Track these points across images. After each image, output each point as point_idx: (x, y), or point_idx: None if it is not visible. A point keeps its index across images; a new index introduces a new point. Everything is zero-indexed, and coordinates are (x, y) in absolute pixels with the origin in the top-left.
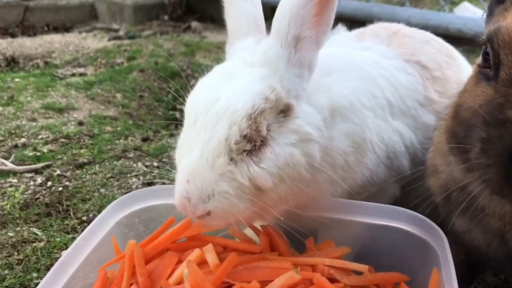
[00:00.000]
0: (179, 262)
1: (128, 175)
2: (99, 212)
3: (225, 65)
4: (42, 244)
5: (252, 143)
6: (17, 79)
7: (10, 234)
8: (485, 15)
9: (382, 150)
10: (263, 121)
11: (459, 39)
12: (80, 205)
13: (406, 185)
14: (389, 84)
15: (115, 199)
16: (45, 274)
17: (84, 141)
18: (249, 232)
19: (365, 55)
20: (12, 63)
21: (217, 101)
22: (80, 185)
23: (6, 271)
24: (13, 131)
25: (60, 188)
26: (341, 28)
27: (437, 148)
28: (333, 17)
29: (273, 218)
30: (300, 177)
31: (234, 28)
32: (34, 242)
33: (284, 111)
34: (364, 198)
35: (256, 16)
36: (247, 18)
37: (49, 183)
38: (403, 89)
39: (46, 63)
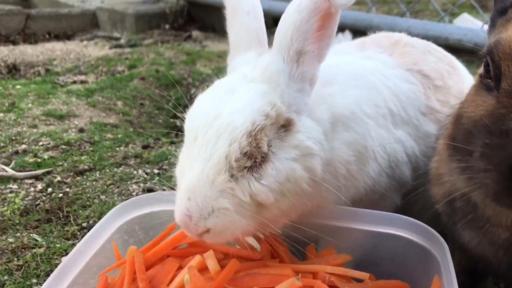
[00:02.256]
0: (180, 268)
1: (129, 182)
2: (99, 218)
3: (225, 80)
4: (42, 250)
5: (252, 159)
6: (18, 86)
7: (10, 240)
8: (485, 26)
9: (384, 159)
10: (264, 138)
11: (459, 50)
12: (80, 211)
13: (407, 194)
14: (391, 93)
15: (115, 205)
16: (44, 280)
17: (84, 148)
18: (250, 239)
19: (368, 64)
20: (13, 70)
21: (218, 117)
22: (80, 192)
23: (6, 277)
24: (13, 138)
25: (61, 195)
26: (342, 37)
27: (441, 157)
28: (335, 30)
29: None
30: (301, 191)
31: (235, 41)
32: (34, 248)
33: (285, 126)
34: (365, 207)
35: (258, 30)
36: (249, 32)
37: (50, 190)
38: (405, 98)
39: (47, 70)
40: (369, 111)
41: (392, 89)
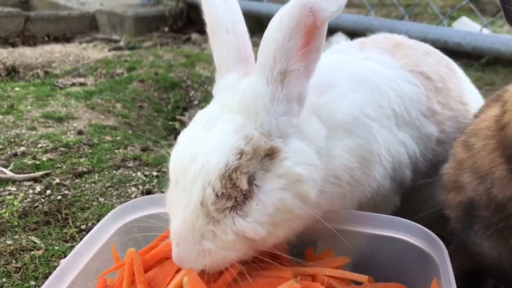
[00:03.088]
0: (179, 270)
1: (127, 184)
2: (98, 221)
3: (207, 110)
4: (40, 252)
5: (232, 199)
6: (17, 88)
7: (9, 242)
8: (483, 30)
9: (389, 162)
10: (240, 176)
11: (457, 53)
12: (79, 213)
13: (406, 195)
14: (395, 94)
15: (114, 208)
16: (43, 283)
17: (83, 150)
18: None
19: (369, 64)
20: (12, 72)
21: (194, 160)
22: (79, 194)
23: (4, 279)
24: (12, 140)
25: (59, 197)
26: (340, 37)
27: (461, 165)
28: (323, 42)
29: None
30: (296, 218)
31: (218, 62)
32: (32, 250)
33: (269, 155)
34: (365, 208)
35: (239, 48)
36: (229, 51)
37: (48, 192)
38: (408, 99)
39: (46, 72)
40: (373, 114)
41: (395, 90)
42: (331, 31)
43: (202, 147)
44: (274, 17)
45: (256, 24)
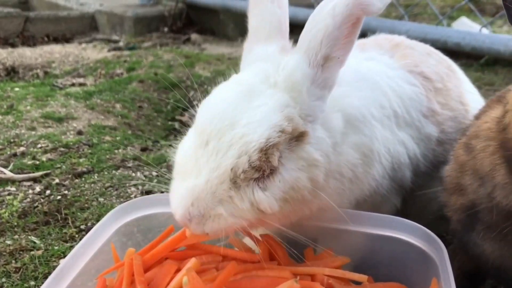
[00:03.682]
0: (178, 270)
1: (127, 185)
2: (98, 221)
3: (244, 77)
4: (40, 252)
5: (260, 172)
6: (16, 89)
7: (8, 242)
8: (483, 30)
9: (388, 161)
10: (275, 153)
11: (457, 53)
12: (79, 214)
13: (406, 196)
14: (396, 94)
15: (114, 208)
16: (42, 283)
17: (83, 150)
18: (248, 241)
19: (370, 65)
20: (12, 72)
21: (233, 127)
22: (78, 194)
23: (4, 279)
24: (12, 140)
25: (59, 197)
26: None
27: (462, 168)
28: (356, 38)
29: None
30: (302, 199)
31: (255, 29)
32: (32, 250)
33: (297, 137)
34: (365, 209)
35: (281, 20)
36: (271, 21)
37: (48, 192)
38: (408, 100)
39: (46, 73)
40: (375, 113)
41: (396, 91)
42: None
43: (244, 117)
44: (323, 3)
45: None
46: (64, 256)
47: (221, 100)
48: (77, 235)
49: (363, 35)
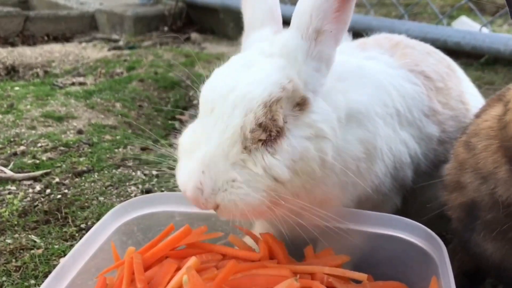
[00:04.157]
0: (178, 269)
1: (127, 184)
2: (98, 220)
3: (242, 55)
4: (40, 251)
5: (267, 132)
6: (16, 88)
7: (8, 241)
8: (483, 29)
9: (390, 160)
10: (279, 110)
11: (457, 53)
12: (79, 213)
13: (407, 195)
14: (398, 93)
15: (114, 207)
16: (43, 281)
17: (83, 149)
18: (248, 240)
19: (372, 64)
20: (12, 72)
21: (234, 89)
22: (79, 193)
23: (4, 278)
24: (12, 139)
25: (59, 196)
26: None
27: (462, 166)
28: (350, 17)
29: (284, 215)
30: (313, 172)
31: (250, 19)
32: (32, 249)
33: (300, 105)
34: (366, 208)
35: (272, 7)
36: (263, 9)
37: (48, 191)
38: (410, 99)
39: (46, 72)
40: (379, 110)
41: (398, 90)
42: None
43: (244, 79)
44: None
45: None
46: (64, 255)
47: (221, 74)
48: (77, 234)
49: (364, 34)
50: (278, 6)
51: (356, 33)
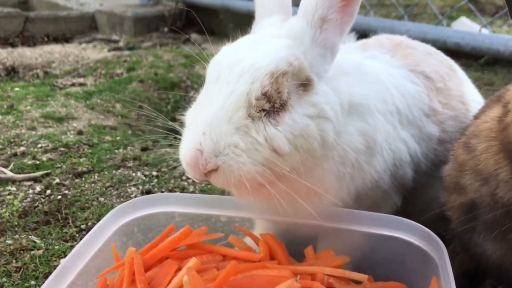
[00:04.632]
0: (178, 270)
1: (127, 184)
2: (98, 220)
3: (250, 36)
4: (40, 252)
5: (271, 103)
6: (17, 89)
7: (9, 241)
8: (483, 30)
9: (390, 156)
10: (285, 83)
11: (457, 53)
12: (79, 213)
13: (407, 195)
14: (399, 92)
15: (114, 207)
16: (43, 282)
17: (83, 150)
18: (248, 240)
19: (374, 62)
20: (12, 72)
21: (242, 60)
22: (79, 194)
23: (4, 279)
24: (12, 140)
25: (59, 197)
26: (349, 37)
27: (462, 167)
28: (356, 9)
29: (279, 195)
30: (313, 150)
31: (260, 8)
32: (32, 250)
33: (304, 86)
34: (366, 207)
35: None
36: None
37: (48, 192)
38: (410, 98)
39: (46, 73)
40: (379, 106)
41: (399, 88)
42: None
43: (252, 52)
44: None
45: None
46: (65, 256)
47: (229, 49)
48: (77, 235)
49: (364, 35)
50: None
51: (356, 34)
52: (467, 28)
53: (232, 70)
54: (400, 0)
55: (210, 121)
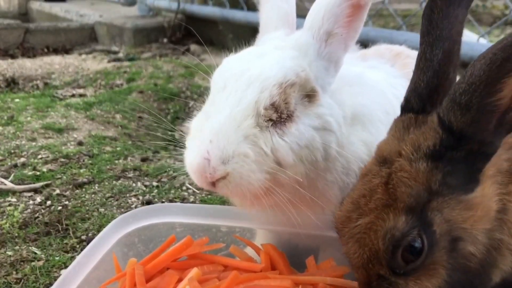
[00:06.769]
0: (180, 280)
1: (128, 195)
2: (99, 231)
3: (254, 48)
4: (41, 263)
5: (278, 113)
6: (17, 100)
7: (9, 253)
8: (480, 40)
9: None
10: (292, 94)
11: None
12: (80, 224)
13: None
14: (399, 102)
15: (115, 218)
16: None
17: (83, 161)
18: (250, 251)
19: (374, 73)
20: (12, 84)
21: (248, 70)
22: (79, 205)
23: None
24: (12, 151)
25: (60, 208)
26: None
27: None
28: (361, 26)
29: (281, 203)
30: (316, 162)
31: (265, 22)
32: (33, 261)
33: (309, 96)
34: None
35: (288, 12)
36: (279, 13)
37: (49, 202)
38: None
39: (46, 84)
40: (381, 116)
41: (399, 99)
42: None
43: (258, 63)
44: None
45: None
46: (65, 267)
47: (233, 59)
48: (78, 246)
49: (363, 45)
50: (294, 12)
51: (355, 44)
52: (465, 38)
53: (239, 79)
54: (398, 10)
55: (218, 129)
